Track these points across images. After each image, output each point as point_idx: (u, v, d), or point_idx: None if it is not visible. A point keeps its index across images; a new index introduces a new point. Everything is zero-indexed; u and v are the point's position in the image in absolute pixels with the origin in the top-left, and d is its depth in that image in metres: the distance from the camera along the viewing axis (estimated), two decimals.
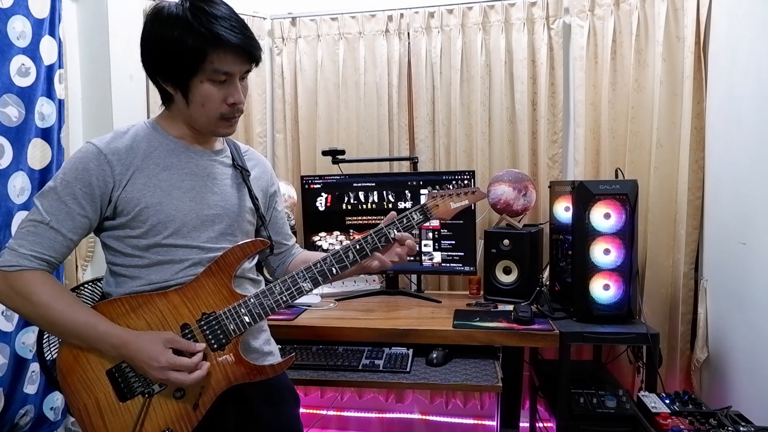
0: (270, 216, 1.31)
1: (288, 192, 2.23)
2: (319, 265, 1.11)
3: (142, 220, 1.05)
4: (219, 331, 1.07)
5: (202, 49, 0.98)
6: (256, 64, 1.07)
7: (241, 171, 1.19)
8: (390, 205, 2.19)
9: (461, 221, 2.08)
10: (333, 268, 1.12)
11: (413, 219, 1.16)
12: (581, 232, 1.72)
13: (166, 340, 1.01)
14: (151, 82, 1.09)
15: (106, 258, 1.12)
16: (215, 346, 1.06)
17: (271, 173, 1.32)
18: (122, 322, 1.05)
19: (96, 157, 1.03)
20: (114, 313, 1.05)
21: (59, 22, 2.00)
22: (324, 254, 1.15)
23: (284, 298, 1.10)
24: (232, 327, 1.07)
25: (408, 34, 2.39)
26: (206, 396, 1.06)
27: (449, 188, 1.20)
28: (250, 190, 1.20)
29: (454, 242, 2.13)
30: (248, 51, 1.03)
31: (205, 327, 1.06)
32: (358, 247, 1.13)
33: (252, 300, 1.09)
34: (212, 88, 1.03)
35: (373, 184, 2.20)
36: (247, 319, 1.08)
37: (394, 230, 1.14)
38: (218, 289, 1.09)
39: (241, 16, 1.06)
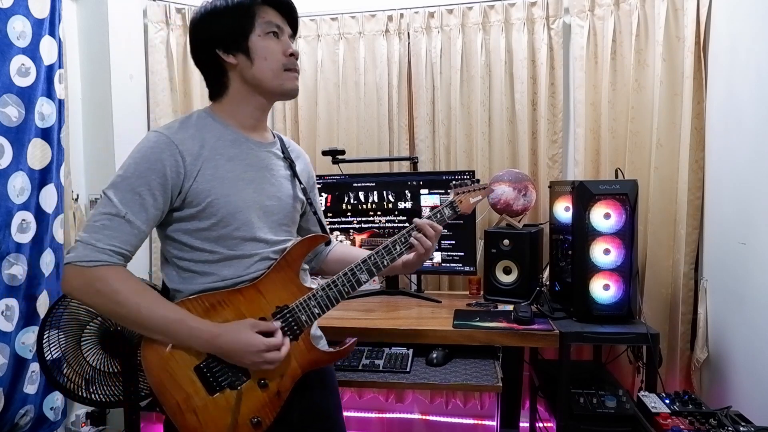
0: (311, 208, 1.34)
1: None
2: (372, 257, 1.18)
3: (211, 211, 1.06)
4: (293, 323, 1.11)
5: (249, 6, 1.08)
6: (294, 30, 1.16)
7: (290, 163, 1.23)
8: (390, 205, 2.19)
9: (461, 221, 2.08)
10: (384, 260, 1.19)
11: (444, 214, 1.25)
12: (581, 232, 1.72)
13: (251, 325, 1.05)
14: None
15: (170, 253, 1.10)
16: (290, 337, 1.10)
17: (311, 166, 1.37)
18: None
19: (168, 147, 1.03)
20: (193, 312, 1.06)
21: (59, 22, 2.00)
22: (364, 250, 1.24)
23: (346, 289, 1.16)
24: (304, 318, 1.12)
25: (408, 34, 2.39)
26: (285, 382, 1.11)
27: (466, 185, 1.30)
28: (300, 182, 1.24)
29: (454, 242, 2.13)
30: (286, 5, 1.12)
31: (280, 320, 1.10)
32: (403, 240, 1.20)
33: (320, 292, 1.14)
34: (270, 41, 1.09)
35: (373, 184, 2.20)
36: (316, 310, 1.13)
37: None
38: (287, 284, 1.13)
39: None
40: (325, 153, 2.23)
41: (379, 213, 2.21)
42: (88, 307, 1.52)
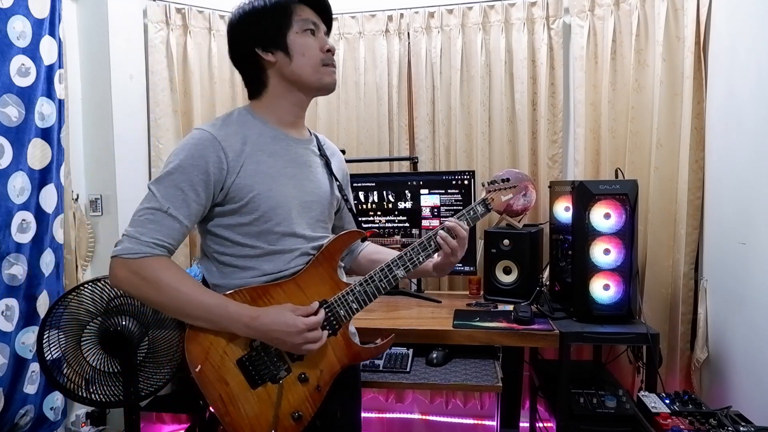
0: (347, 205, 1.35)
1: None
2: (408, 253, 1.19)
3: (254, 206, 1.08)
4: (332, 318, 1.12)
5: (287, 5, 1.10)
6: (329, 27, 1.17)
7: (326, 160, 1.25)
8: (390, 205, 2.19)
9: None
10: (420, 256, 1.20)
11: (477, 211, 1.26)
12: (581, 232, 1.72)
13: (291, 308, 1.07)
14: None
15: (210, 248, 1.13)
16: (329, 332, 1.12)
17: (345, 164, 1.38)
18: None
19: (212, 144, 1.05)
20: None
21: (59, 22, 2.00)
22: (394, 250, 1.26)
23: (383, 284, 1.17)
24: (342, 313, 1.13)
25: (408, 34, 2.39)
26: (325, 377, 1.13)
27: (496, 183, 1.32)
28: (336, 179, 1.25)
29: None
30: (321, 3, 1.14)
31: None
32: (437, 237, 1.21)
33: (357, 287, 1.15)
34: (307, 38, 1.11)
35: (373, 184, 2.20)
36: (355, 305, 1.14)
37: (464, 222, 1.22)
38: (325, 279, 1.15)
39: None
40: None
41: (379, 213, 2.21)
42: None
